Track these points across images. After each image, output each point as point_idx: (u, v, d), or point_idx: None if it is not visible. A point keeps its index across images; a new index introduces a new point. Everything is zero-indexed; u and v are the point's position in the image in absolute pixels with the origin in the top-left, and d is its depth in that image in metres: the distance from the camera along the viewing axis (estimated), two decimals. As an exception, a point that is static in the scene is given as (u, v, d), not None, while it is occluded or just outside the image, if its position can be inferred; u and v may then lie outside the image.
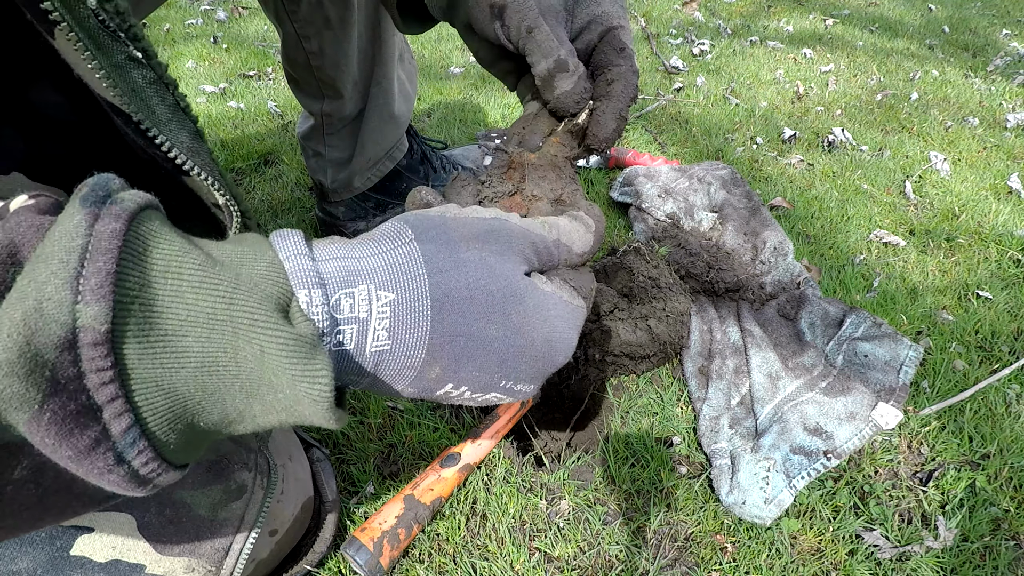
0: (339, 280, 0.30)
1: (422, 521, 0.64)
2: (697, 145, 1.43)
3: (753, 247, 1.05)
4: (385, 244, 0.32)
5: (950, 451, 0.75)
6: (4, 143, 0.38)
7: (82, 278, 0.22)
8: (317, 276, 0.29)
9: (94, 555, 0.46)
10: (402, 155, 1.07)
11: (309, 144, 1.01)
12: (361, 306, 0.30)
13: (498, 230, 0.35)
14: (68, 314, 0.21)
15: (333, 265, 0.30)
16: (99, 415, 0.23)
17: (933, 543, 0.66)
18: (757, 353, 0.85)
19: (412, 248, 0.32)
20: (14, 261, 0.23)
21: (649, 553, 0.66)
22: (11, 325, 0.20)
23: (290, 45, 0.88)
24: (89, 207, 0.23)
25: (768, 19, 2.35)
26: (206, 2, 2.36)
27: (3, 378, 0.20)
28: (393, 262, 0.31)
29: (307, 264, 0.29)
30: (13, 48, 0.37)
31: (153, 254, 0.24)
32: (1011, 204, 1.22)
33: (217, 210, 0.46)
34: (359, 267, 0.31)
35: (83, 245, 0.22)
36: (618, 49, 0.48)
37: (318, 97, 0.94)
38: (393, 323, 0.30)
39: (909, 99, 1.68)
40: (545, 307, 0.35)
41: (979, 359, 0.87)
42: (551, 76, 0.47)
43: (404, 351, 0.31)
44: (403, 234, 0.33)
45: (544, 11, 0.46)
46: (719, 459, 0.73)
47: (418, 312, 0.31)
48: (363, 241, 0.33)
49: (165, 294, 0.24)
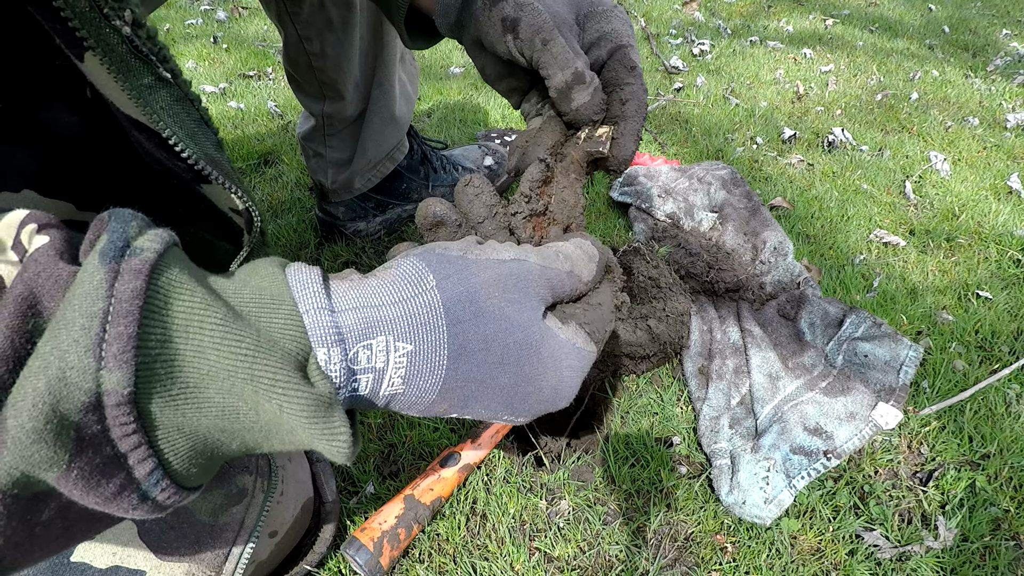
0: (358, 333, 0.30)
1: (422, 521, 0.64)
2: (697, 145, 1.43)
3: (753, 247, 1.05)
4: (406, 290, 0.32)
5: (950, 451, 0.75)
6: (16, 161, 0.39)
7: (104, 344, 0.22)
8: (336, 332, 0.29)
9: (94, 561, 0.46)
10: (403, 156, 1.07)
11: (310, 145, 1.01)
12: (378, 357, 0.30)
13: (517, 274, 0.35)
14: (92, 381, 0.22)
15: (352, 317, 0.30)
16: (123, 463, 0.24)
17: (933, 543, 0.66)
18: (757, 353, 0.85)
19: (433, 297, 0.32)
20: (35, 312, 0.23)
21: (649, 553, 0.66)
22: (35, 394, 0.21)
23: (292, 46, 0.88)
24: (108, 263, 0.23)
25: (768, 19, 2.35)
26: (206, 2, 2.36)
27: (31, 445, 0.21)
28: (413, 313, 0.31)
29: (326, 320, 0.29)
30: (29, 71, 0.37)
31: (174, 308, 0.24)
32: (1011, 204, 1.22)
33: (235, 215, 0.46)
34: (378, 317, 0.30)
35: (104, 309, 0.22)
36: (628, 68, 0.49)
37: (319, 98, 0.94)
38: (409, 371, 0.31)
39: (909, 99, 1.68)
40: (557, 357, 0.36)
41: (979, 359, 0.87)
42: (569, 88, 0.47)
43: (416, 393, 0.32)
44: (424, 280, 0.32)
45: (558, 23, 0.46)
46: (719, 459, 0.73)
47: (434, 362, 0.32)
48: (383, 284, 0.32)
49: (187, 350, 0.24)
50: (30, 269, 0.24)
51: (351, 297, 0.31)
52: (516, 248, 0.36)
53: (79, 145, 0.42)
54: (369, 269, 1.11)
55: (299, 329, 0.28)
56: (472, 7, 0.49)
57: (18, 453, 0.21)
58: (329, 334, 0.29)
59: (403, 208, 1.13)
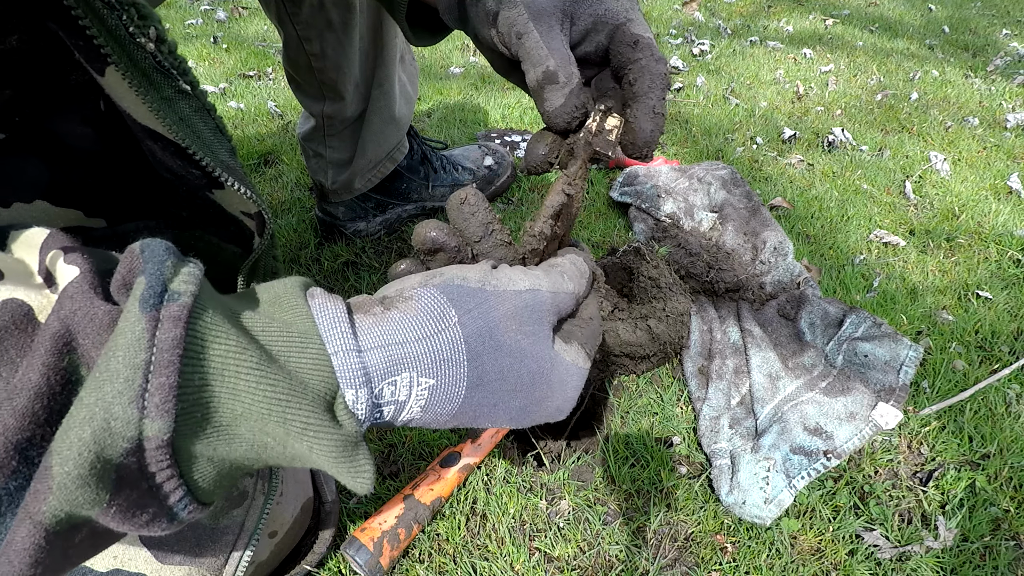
0: (383, 371, 0.31)
1: (422, 521, 0.64)
2: (697, 145, 1.43)
3: (753, 247, 1.05)
4: (429, 326, 0.33)
5: (950, 451, 0.75)
6: (29, 173, 0.39)
7: (147, 394, 0.23)
8: (364, 373, 0.30)
9: (95, 564, 0.47)
10: (403, 156, 1.07)
11: (310, 145, 1.01)
12: (401, 391, 0.32)
13: (532, 305, 0.36)
14: (135, 430, 0.23)
15: (378, 356, 0.31)
16: (158, 494, 0.25)
17: (933, 543, 0.66)
18: (757, 353, 0.85)
19: (455, 333, 0.33)
20: (70, 349, 0.25)
21: (649, 553, 0.66)
22: (81, 444, 0.22)
23: (292, 47, 0.88)
24: (148, 311, 0.24)
25: (768, 19, 2.35)
26: (206, 2, 2.36)
27: (76, 489, 0.23)
28: (436, 350, 0.32)
29: (354, 362, 0.30)
30: (45, 85, 0.38)
31: (210, 353, 0.26)
32: (1011, 204, 1.22)
33: (246, 217, 0.47)
34: (403, 354, 0.32)
35: (146, 360, 0.23)
36: (632, 43, 0.44)
37: (319, 99, 0.94)
38: (429, 402, 0.33)
39: (909, 99, 1.68)
40: (564, 380, 0.38)
41: (979, 359, 0.87)
42: (540, 88, 0.44)
43: (432, 418, 0.34)
44: (447, 316, 0.33)
45: (535, 15, 0.43)
46: (719, 459, 0.73)
47: (453, 393, 0.33)
48: (406, 318, 0.33)
49: (222, 392, 0.26)
50: (66, 306, 0.25)
51: (376, 334, 0.32)
52: (528, 275, 0.37)
53: (91, 156, 0.42)
54: (369, 269, 1.11)
55: (327, 370, 0.29)
56: (465, 1, 0.48)
57: (64, 497, 0.23)
58: (357, 376, 0.30)
59: (403, 208, 1.13)
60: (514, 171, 1.26)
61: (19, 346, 0.25)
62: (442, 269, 0.37)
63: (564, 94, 0.44)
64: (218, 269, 0.50)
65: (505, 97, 1.64)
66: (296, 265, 1.05)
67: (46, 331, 0.24)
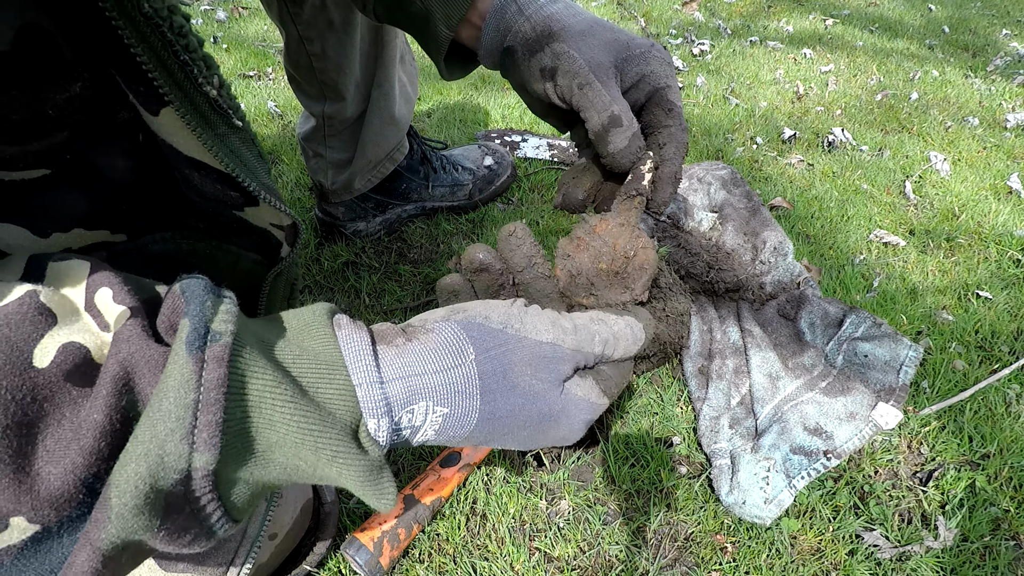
0: (403, 401, 0.34)
1: (422, 521, 0.64)
2: (697, 145, 1.43)
3: (753, 247, 1.05)
4: (447, 359, 0.36)
5: (950, 451, 0.75)
6: (69, 204, 0.41)
7: (196, 430, 0.26)
8: (385, 404, 0.33)
9: None
10: (403, 156, 1.07)
11: (310, 145, 1.01)
12: (418, 417, 0.35)
13: (551, 357, 0.38)
14: (185, 463, 0.26)
15: (398, 386, 0.34)
16: (200, 517, 0.28)
17: (933, 543, 0.66)
18: (757, 353, 0.85)
19: (471, 370, 0.36)
20: (128, 389, 0.27)
21: (649, 553, 0.66)
22: (137, 477, 0.25)
23: (293, 47, 0.88)
24: (194, 353, 0.27)
25: (768, 19, 2.35)
26: (206, 2, 2.36)
27: (132, 518, 0.25)
28: (452, 382, 0.35)
29: (377, 393, 0.33)
30: (95, 124, 0.40)
31: (250, 388, 0.28)
32: (1011, 204, 1.22)
33: (276, 229, 0.50)
34: (421, 384, 0.35)
35: (195, 399, 0.26)
36: (667, 110, 0.49)
37: (320, 99, 0.94)
38: (442, 427, 0.36)
39: (909, 99, 1.68)
40: (572, 416, 0.40)
41: (979, 359, 0.87)
42: (605, 131, 0.47)
43: (446, 440, 0.37)
44: (464, 352, 0.36)
45: (594, 68, 0.47)
46: (719, 459, 0.73)
47: (466, 422, 0.36)
48: (426, 351, 0.36)
49: (260, 423, 0.29)
50: (123, 349, 0.28)
51: (397, 366, 0.34)
52: (556, 326, 0.39)
53: (127, 185, 0.44)
54: (369, 269, 1.11)
55: (352, 400, 0.32)
56: (514, 56, 0.51)
57: (121, 525, 0.25)
58: (379, 407, 0.33)
59: (403, 208, 1.13)
60: (514, 171, 1.26)
61: (81, 387, 0.27)
62: (466, 305, 0.40)
63: (627, 137, 0.48)
64: (238, 276, 0.52)
65: (505, 97, 1.64)
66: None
67: (106, 373, 0.27)
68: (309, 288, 1.02)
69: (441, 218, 1.16)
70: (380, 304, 0.98)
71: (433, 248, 1.10)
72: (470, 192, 1.17)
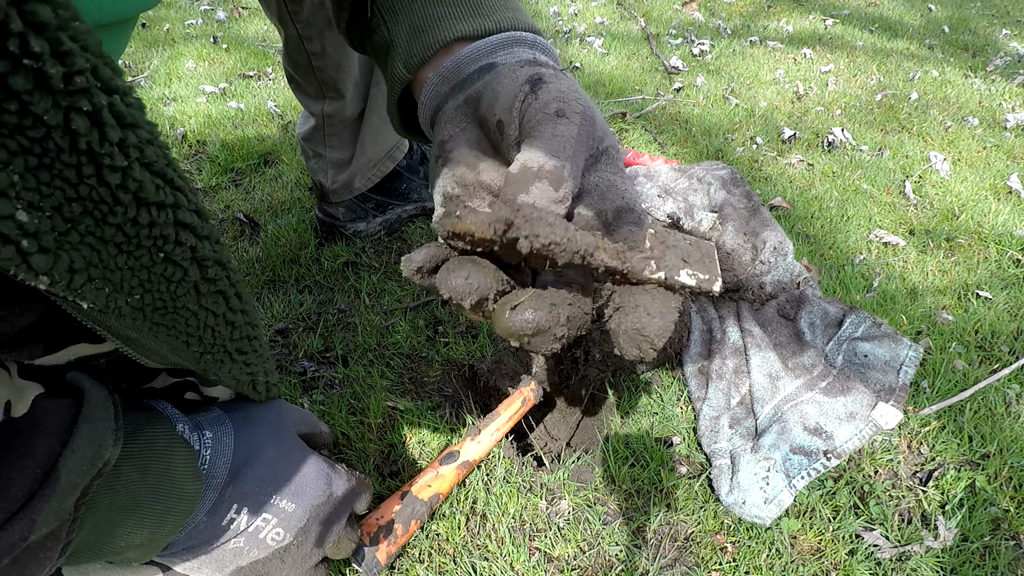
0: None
1: (420, 517, 0.64)
2: (697, 145, 1.43)
3: (753, 247, 1.05)
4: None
5: (950, 451, 0.75)
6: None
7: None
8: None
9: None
10: (402, 155, 1.07)
11: (309, 145, 1.01)
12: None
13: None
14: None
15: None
16: None
17: (933, 543, 0.66)
18: (757, 353, 0.85)
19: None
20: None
21: (649, 553, 0.66)
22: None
23: (292, 46, 0.88)
24: None
25: (768, 19, 2.35)
26: (206, 2, 2.36)
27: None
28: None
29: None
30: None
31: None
32: (1011, 204, 1.22)
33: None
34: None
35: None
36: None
37: (319, 98, 0.94)
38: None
39: (909, 99, 1.68)
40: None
41: (979, 359, 0.87)
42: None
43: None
44: None
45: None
46: (719, 459, 0.73)
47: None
48: None
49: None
50: None
51: None
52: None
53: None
54: (369, 269, 1.10)
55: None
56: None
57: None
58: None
59: (403, 208, 1.13)
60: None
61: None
62: None
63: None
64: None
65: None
66: (296, 265, 1.05)
67: None
68: (309, 288, 1.02)
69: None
70: (380, 304, 0.98)
71: (433, 248, 1.10)
72: (470, 192, 1.17)
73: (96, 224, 0.28)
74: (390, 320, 0.94)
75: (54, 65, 0.23)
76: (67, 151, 0.25)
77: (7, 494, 0.32)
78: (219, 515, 0.46)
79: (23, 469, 0.33)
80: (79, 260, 0.28)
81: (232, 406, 0.52)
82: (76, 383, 0.39)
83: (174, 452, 0.43)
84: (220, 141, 1.40)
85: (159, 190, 0.30)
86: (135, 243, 0.31)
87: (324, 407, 0.80)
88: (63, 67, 0.23)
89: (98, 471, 0.36)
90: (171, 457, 0.43)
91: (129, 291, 0.32)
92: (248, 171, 1.32)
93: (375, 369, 0.86)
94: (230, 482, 0.46)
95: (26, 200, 0.24)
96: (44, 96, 0.23)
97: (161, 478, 0.42)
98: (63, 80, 0.23)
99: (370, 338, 0.91)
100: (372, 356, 0.88)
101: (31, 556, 0.34)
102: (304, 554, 0.50)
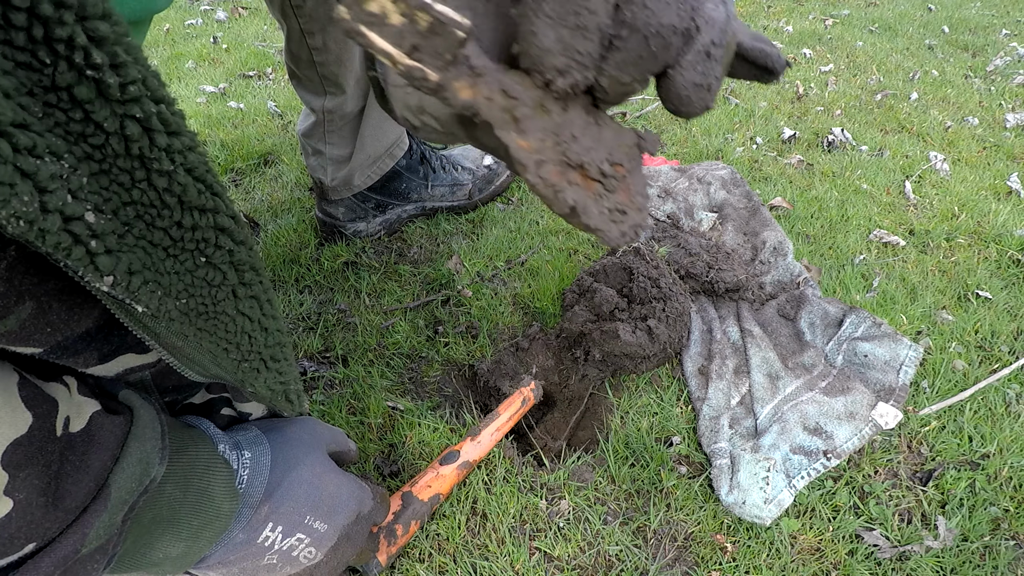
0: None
1: (420, 518, 0.64)
2: (697, 145, 1.43)
3: (753, 247, 1.05)
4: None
5: (950, 451, 0.75)
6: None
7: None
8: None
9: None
10: (402, 153, 1.07)
11: (309, 142, 1.01)
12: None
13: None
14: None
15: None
16: None
17: (933, 543, 0.66)
18: (757, 353, 0.85)
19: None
20: None
21: (649, 553, 0.66)
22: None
23: (294, 41, 0.88)
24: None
25: (768, 19, 2.35)
26: (206, 2, 2.36)
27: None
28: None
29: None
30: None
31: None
32: (1011, 204, 1.22)
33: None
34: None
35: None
36: None
37: (320, 93, 0.94)
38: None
39: (909, 99, 1.68)
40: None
41: (979, 359, 0.87)
42: None
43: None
44: None
45: None
46: (719, 459, 0.73)
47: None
48: None
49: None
50: None
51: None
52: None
53: None
54: (369, 269, 1.11)
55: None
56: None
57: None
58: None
59: (402, 208, 1.13)
60: (514, 171, 1.26)
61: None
62: None
63: None
64: None
65: (505, 97, 1.64)
66: (296, 265, 1.05)
67: None
68: (309, 288, 1.02)
69: (441, 218, 1.16)
70: (380, 304, 0.98)
71: (433, 248, 1.10)
72: (470, 192, 1.17)
73: (147, 227, 0.30)
74: (390, 320, 0.94)
75: (112, 76, 0.25)
76: (122, 156, 0.27)
77: (62, 504, 0.33)
78: (255, 532, 0.47)
79: (78, 482, 0.34)
80: (136, 262, 0.29)
81: (268, 425, 0.54)
82: (127, 402, 0.40)
83: (214, 472, 0.44)
84: (220, 141, 1.40)
85: (200, 195, 0.31)
86: (180, 247, 0.32)
87: (324, 407, 0.80)
88: (119, 77, 0.25)
89: (144, 488, 0.37)
90: (211, 476, 0.44)
91: (176, 295, 0.33)
92: (248, 171, 1.32)
93: (375, 369, 0.86)
94: (266, 501, 0.48)
95: (92, 203, 0.26)
96: (104, 105, 0.25)
97: (201, 496, 0.43)
98: (119, 90, 0.25)
99: (370, 338, 0.91)
100: (372, 356, 0.88)
101: (80, 568, 0.35)
102: (331, 568, 0.53)
